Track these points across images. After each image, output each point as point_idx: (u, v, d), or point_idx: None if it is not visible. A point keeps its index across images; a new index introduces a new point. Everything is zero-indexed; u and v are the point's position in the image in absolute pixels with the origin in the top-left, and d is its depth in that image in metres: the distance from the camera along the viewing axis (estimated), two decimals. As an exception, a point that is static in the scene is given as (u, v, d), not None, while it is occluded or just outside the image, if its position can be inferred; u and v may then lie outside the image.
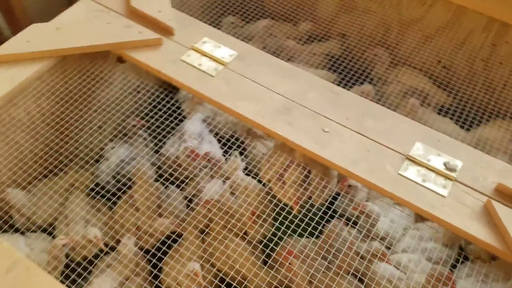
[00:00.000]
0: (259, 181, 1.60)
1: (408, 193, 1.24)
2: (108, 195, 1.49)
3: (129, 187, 1.62)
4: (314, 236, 1.49)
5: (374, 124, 1.38)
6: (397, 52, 2.08)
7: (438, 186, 1.26)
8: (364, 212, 1.48)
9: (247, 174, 1.67)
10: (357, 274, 1.45)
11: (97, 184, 1.61)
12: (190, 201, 1.67)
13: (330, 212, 1.37)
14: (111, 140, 1.79)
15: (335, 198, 1.55)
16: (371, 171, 1.28)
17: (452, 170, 1.29)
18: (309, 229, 1.34)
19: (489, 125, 1.89)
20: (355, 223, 1.56)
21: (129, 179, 1.65)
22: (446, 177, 1.28)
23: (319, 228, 1.47)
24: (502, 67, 1.94)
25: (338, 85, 1.63)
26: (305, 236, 1.41)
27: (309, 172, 1.43)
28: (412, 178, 1.27)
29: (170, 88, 1.77)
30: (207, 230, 1.55)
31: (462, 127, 1.86)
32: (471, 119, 1.82)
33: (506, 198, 1.24)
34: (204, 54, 1.53)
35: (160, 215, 1.58)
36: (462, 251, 1.58)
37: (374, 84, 2.05)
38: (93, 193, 1.48)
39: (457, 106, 1.88)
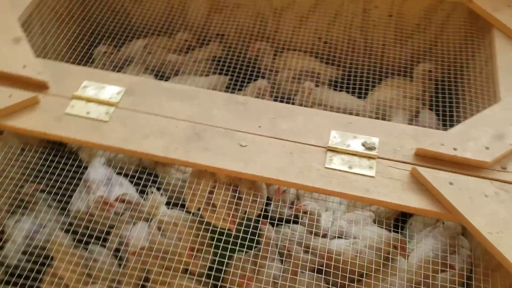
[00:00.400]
0: (187, 211, 1.52)
1: (340, 185, 1.23)
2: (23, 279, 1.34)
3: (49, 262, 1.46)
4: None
5: (287, 125, 1.35)
6: (279, 39, 2.08)
7: (365, 169, 1.27)
8: (306, 211, 1.48)
9: (171, 207, 1.58)
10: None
11: (7, 269, 1.43)
12: (120, 254, 1.54)
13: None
14: (10, 215, 1.60)
15: (268, 205, 1.52)
16: (299, 173, 1.25)
17: (372, 148, 1.30)
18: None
19: (382, 87, 1.96)
20: (295, 222, 1.56)
21: (45, 253, 1.48)
22: (369, 157, 1.29)
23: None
24: (376, 29, 2.01)
25: (232, 88, 1.57)
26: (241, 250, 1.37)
27: (237, 190, 1.37)
28: (339, 168, 1.27)
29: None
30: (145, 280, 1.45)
31: (359, 96, 1.91)
32: (364, 86, 1.87)
33: (428, 160, 1.28)
34: (89, 100, 1.38)
35: (92, 282, 1.45)
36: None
37: (266, 77, 2.03)
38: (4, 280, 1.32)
39: (350, 78, 1.92)
